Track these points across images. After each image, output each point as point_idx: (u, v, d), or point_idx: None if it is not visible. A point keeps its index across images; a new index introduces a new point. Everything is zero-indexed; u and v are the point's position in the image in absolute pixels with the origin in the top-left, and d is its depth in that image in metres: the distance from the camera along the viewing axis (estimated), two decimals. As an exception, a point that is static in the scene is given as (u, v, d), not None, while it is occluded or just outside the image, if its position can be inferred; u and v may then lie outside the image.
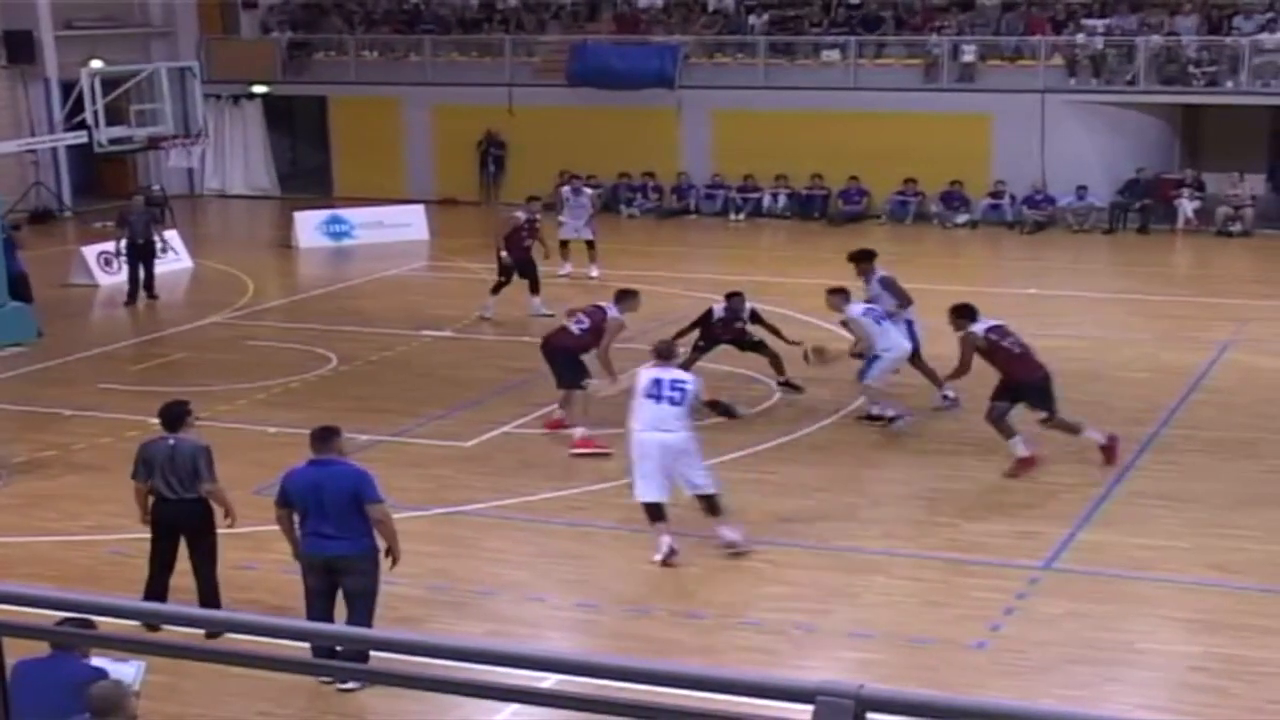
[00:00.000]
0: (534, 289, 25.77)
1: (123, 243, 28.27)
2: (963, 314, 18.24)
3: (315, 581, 12.45)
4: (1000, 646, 13.23)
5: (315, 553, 12.36)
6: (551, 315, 23.84)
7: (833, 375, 20.87)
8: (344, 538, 12.27)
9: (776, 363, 20.86)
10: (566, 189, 29.73)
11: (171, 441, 13.46)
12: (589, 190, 31.00)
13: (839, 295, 19.68)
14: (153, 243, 28.43)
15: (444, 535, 15.76)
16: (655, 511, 15.06)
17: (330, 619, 12.29)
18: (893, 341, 19.32)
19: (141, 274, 27.98)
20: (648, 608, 14.24)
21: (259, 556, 14.89)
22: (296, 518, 12.50)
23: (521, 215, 25.88)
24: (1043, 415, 17.89)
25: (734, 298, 21.11)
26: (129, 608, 3.98)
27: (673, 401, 15.08)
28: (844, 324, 20.24)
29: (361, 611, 12.38)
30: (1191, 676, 12.79)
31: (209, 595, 13.55)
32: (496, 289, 25.68)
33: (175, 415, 13.72)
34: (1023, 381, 17.71)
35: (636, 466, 15.15)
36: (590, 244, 29.33)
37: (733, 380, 21.14)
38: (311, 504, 12.31)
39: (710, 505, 15.33)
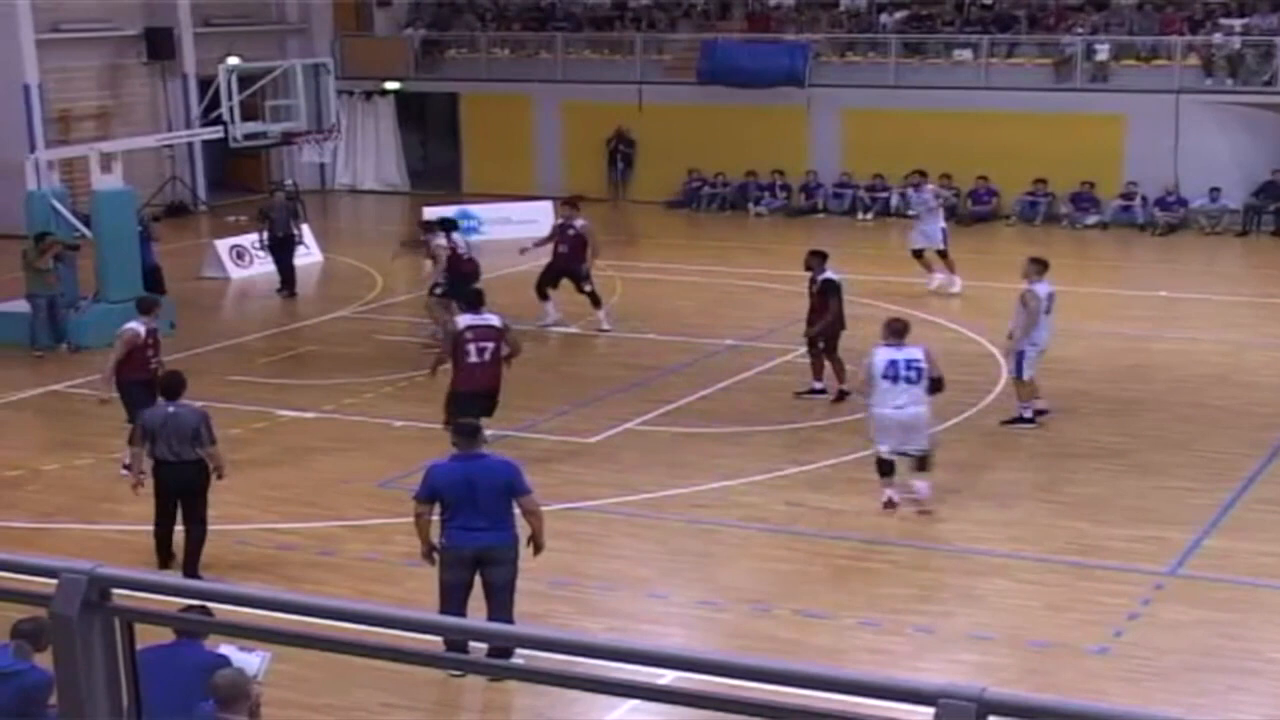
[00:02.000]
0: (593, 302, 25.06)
1: (264, 236, 28.85)
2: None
3: (458, 575, 12.49)
4: (1123, 652, 13.13)
5: (465, 545, 12.39)
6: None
7: (967, 378, 20.75)
8: (494, 529, 12.40)
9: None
10: (911, 190, 28.87)
11: (170, 409, 14.59)
12: (931, 187, 29.04)
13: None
14: (293, 236, 29.08)
15: (566, 531, 15.88)
16: (887, 468, 16.50)
17: (466, 613, 12.42)
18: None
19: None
20: (769, 606, 14.26)
21: (381, 548, 15.09)
22: (437, 513, 12.53)
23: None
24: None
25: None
26: (259, 597, 4.08)
27: (909, 380, 16.20)
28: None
29: (505, 603, 12.49)
30: (1319, 687, 12.63)
31: (193, 556, 14.68)
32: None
33: (175, 385, 14.96)
34: None
35: (877, 435, 16.51)
36: (943, 253, 27.99)
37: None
38: (463, 497, 12.36)
39: (921, 463, 16.61)
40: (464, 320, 17.91)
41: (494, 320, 17.99)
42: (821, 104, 37.91)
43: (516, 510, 12.62)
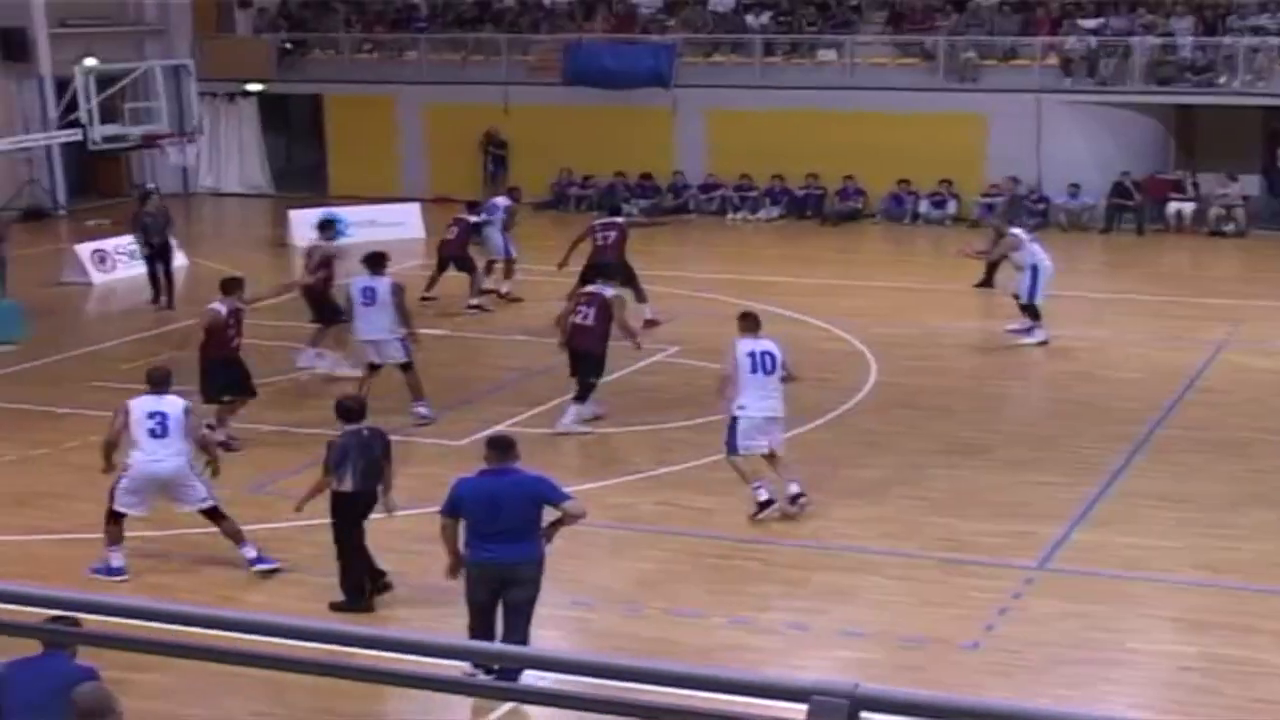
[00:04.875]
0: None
1: (140, 244, 28.05)
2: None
3: (482, 593, 12.21)
4: (994, 646, 13.25)
5: (489, 562, 12.09)
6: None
7: (833, 375, 20.93)
8: (518, 545, 12.08)
9: None
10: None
11: (365, 432, 14.32)
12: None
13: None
14: (169, 243, 28.18)
15: (433, 534, 15.75)
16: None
17: (494, 634, 12.24)
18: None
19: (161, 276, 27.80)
20: (641, 606, 14.25)
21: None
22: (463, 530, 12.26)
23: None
24: None
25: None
26: (125, 606, 3.98)
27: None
28: None
29: (521, 624, 12.24)
30: (1183, 676, 12.82)
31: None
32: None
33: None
34: None
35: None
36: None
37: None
38: (486, 513, 12.05)
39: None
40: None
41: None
42: (687, 105, 38.00)
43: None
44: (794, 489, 16.39)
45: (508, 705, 11.84)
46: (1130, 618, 13.96)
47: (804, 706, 3.48)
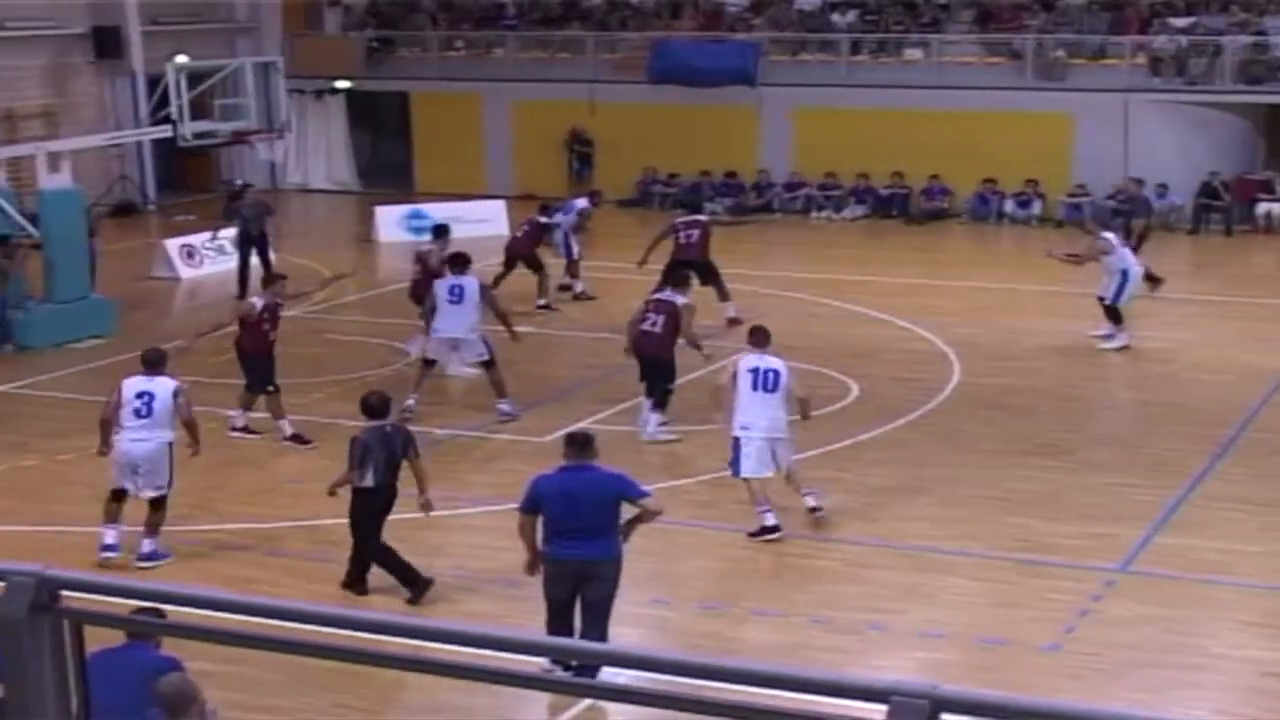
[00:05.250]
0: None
1: (236, 235, 28.46)
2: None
3: (561, 591, 12.25)
4: (1073, 649, 13.20)
5: (567, 559, 12.12)
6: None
7: (916, 375, 20.89)
8: (595, 543, 12.10)
9: None
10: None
11: (388, 429, 14.41)
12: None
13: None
14: (266, 235, 28.57)
15: (508, 529, 15.85)
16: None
17: (573, 630, 12.33)
18: None
19: (256, 264, 28.17)
20: (720, 604, 14.28)
21: (329, 548, 14.98)
22: (541, 526, 12.27)
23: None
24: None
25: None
26: (210, 598, 4.05)
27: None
28: None
29: (600, 620, 12.27)
30: (1265, 682, 12.73)
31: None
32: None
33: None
34: None
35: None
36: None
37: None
38: (564, 510, 12.07)
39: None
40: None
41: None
42: (772, 103, 37.95)
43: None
44: (810, 502, 16.10)
45: (585, 701, 11.91)
46: (1211, 622, 13.87)
47: (883, 707, 3.51)
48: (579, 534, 12.07)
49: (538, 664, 8.85)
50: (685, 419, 19.19)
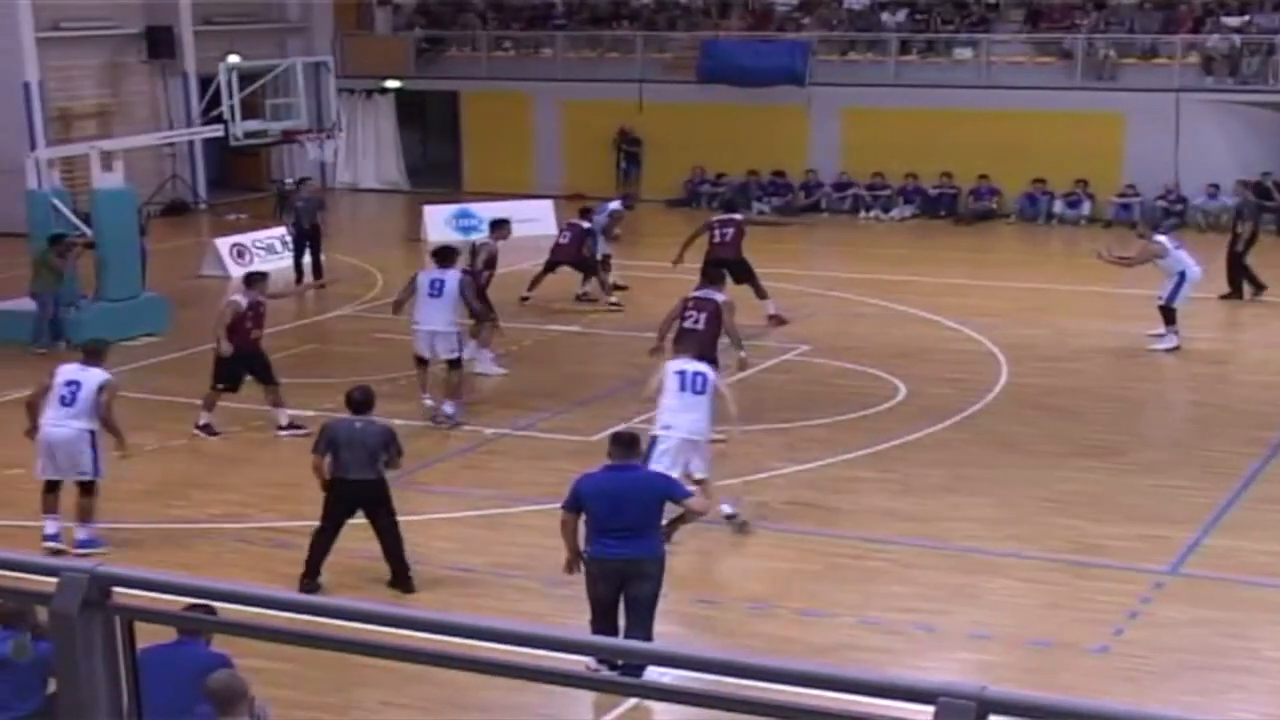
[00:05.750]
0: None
1: (290, 229, 29.44)
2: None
3: (604, 590, 12.23)
4: (1122, 651, 13.14)
5: (610, 557, 12.11)
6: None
7: (965, 375, 20.82)
8: (639, 542, 12.10)
9: None
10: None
11: (359, 424, 14.35)
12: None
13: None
14: (318, 228, 29.33)
15: (556, 529, 15.88)
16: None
17: (616, 630, 12.34)
18: None
19: (308, 259, 29.13)
20: (767, 604, 14.27)
21: (378, 548, 15.04)
22: (583, 526, 12.28)
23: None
24: None
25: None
26: (262, 595, 4.09)
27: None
28: None
29: (644, 620, 12.26)
30: (1317, 685, 12.65)
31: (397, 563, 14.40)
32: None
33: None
34: None
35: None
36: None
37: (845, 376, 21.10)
38: (608, 510, 12.07)
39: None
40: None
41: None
42: (821, 103, 37.91)
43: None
44: (726, 509, 15.97)
45: (630, 701, 11.92)
46: (1263, 625, 13.78)
47: (931, 708, 3.51)
48: (623, 533, 12.07)
49: (583, 663, 8.89)
50: (741, 417, 19.15)
